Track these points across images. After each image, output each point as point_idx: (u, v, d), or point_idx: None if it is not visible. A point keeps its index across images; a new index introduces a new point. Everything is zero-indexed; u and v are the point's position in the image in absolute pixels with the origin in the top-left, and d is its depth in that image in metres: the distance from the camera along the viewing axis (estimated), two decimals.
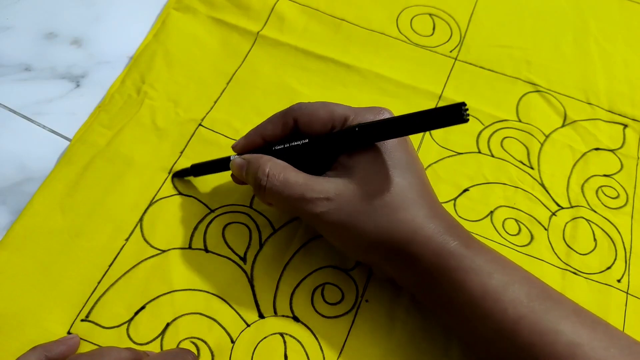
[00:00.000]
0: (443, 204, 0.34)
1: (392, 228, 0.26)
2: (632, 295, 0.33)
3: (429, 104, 0.39)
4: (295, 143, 0.29)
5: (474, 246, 0.27)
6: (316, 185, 0.27)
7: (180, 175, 0.34)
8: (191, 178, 0.34)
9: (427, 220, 0.27)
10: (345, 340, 0.30)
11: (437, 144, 0.37)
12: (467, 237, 0.27)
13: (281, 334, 0.30)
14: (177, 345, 0.30)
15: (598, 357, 0.24)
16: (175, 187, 0.34)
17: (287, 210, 0.28)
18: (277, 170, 0.28)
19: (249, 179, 0.29)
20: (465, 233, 0.28)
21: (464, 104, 0.23)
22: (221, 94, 0.38)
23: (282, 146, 0.29)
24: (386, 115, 0.28)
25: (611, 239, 0.35)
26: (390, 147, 0.27)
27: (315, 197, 0.27)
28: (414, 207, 0.27)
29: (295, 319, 0.31)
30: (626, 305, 0.33)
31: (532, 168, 0.37)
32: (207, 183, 0.34)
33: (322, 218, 0.27)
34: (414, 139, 0.37)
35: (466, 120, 0.23)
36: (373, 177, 0.27)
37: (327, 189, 0.27)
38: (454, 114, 0.23)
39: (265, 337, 0.30)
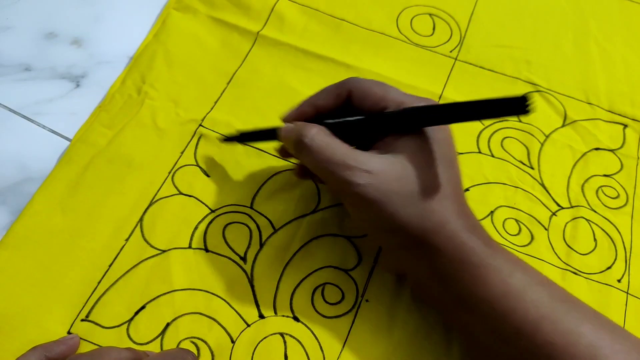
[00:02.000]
0: None
1: (423, 216, 0.26)
2: (632, 295, 0.33)
3: None
4: (351, 119, 0.28)
5: (494, 247, 0.27)
6: (359, 156, 0.27)
7: (228, 140, 0.35)
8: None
9: (455, 216, 0.27)
10: (346, 340, 0.30)
11: None
12: (489, 238, 0.28)
13: (281, 334, 0.30)
14: (177, 345, 0.30)
15: None
16: (175, 186, 0.34)
17: (323, 174, 0.27)
18: (323, 133, 0.28)
19: (291, 141, 0.29)
20: (487, 234, 0.28)
21: (528, 96, 0.23)
22: (221, 94, 0.38)
23: (334, 120, 0.29)
24: None
25: (611, 239, 0.35)
26: (439, 139, 0.27)
27: (356, 167, 0.26)
28: (447, 201, 0.27)
29: (296, 318, 0.31)
30: (626, 305, 0.33)
31: (532, 168, 0.37)
32: (207, 183, 0.34)
33: (358, 189, 0.26)
34: None
35: (530, 112, 0.23)
36: (416, 163, 0.27)
37: (370, 162, 0.26)
38: (518, 106, 0.23)
39: (265, 337, 0.30)
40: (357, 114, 0.29)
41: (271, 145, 0.36)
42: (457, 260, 0.26)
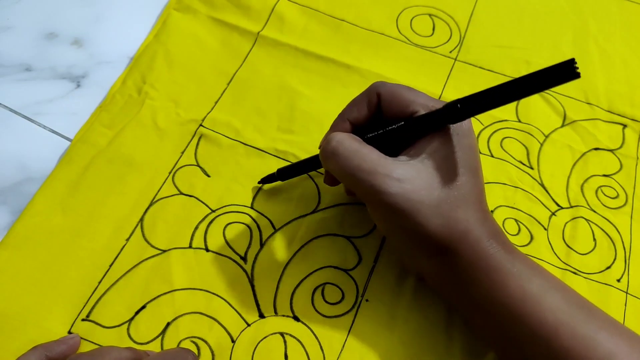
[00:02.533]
0: None
1: (449, 225, 0.26)
2: (631, 295, 0.33)
3: None
4: (391, 127, 0.28)
5: (514, 253, 0.27)
6: (390, 164, 0.26)
7: (266, 182, 0.34)
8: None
9: (478, 224, 0.27)
10: (346, 340, 0.30)
11: None
12: (509, 244, 0.28)
13: (281, 334, 0.30)
14: (178, 345, 0.30)
15: None
16: (176, 186, 0.34)
17: (351, 182, 0.27)
18: (351, 139, 0.27)
19: (320, 151, 0.28)
20: (507, 240, 0.28)
21: (573, 60, 0.22)
22: (222, 94, 0.38)
23: (375, 133, 0.28)
24: None
25: (611, 238, 0.35)
26: (464, 145, 0.27)
27: (387, 174, 0.26)
28: (471, 209, 0.27)
29: (296, 318, 0.31)
30: (626, 305, 0.33)
31: (531, 168, 0.37)
32: (208, 183, 0.34)
33: (387, 198, 0.26)
34: None
35: (578, 75, 0.22)
36: (443, 170, 0.27)
37: (401, 171, 0.26)
38: (567, 71, 0.22)
39: (265, 337, 0.30)
40: (387, 121, 0.28)
41: (271, 145, 0.36)
42: (477, 265, 0.26)
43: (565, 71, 0.22)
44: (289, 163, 0.35)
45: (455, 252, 0.27)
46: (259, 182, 0.34)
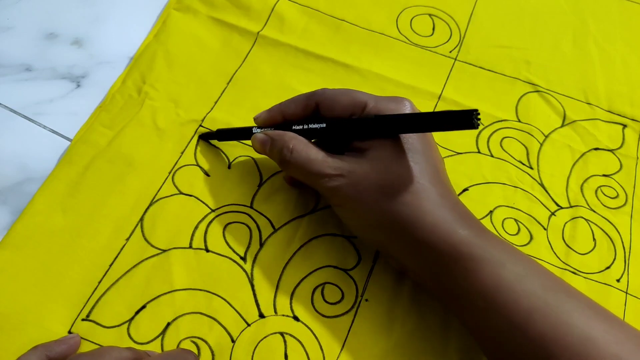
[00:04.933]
0: None
1: (396, 209, 0.27)
2: (631, 295, 0.33)
3: (428, 104, 0.39)
4: (314, 126, 0.30)
5: (486, 237, 0.27)
6: (332, 162, 0.29)
7: (205, 138, 0.36)
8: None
9: (435, 208, 0.27)
10: (345, 340, 0.31)
11: (437, 144, 0.37)
12: (479, 227, 0.28)
13: (281, 334, 0.30)
14: (178, 345, 0.30)
15: (612, 352, 0.24)
16: (176, 186, 0.34)
17: (307, 182, 0.30)
18: (301, 147, 0.30)
19: (273, 153, 0.31)
20: (477, 224, 0.28)
21: (476, 111, 0.24)
22: (221, 94, 0.38)
23: (301, 127, 0.31)
24: (407, 106, 0.29)
25: (610, 238, 0.35)
26: (414, 137, 0.28)
27: (331, 173, 0.28)
28: (423, 193, 0.27)
29: (296, 318, 0.31)
30: (625, 304, 0.33)
31: (531, 168, 0.37)
32: (207, 182, 0.34)
33: (335, 192, 0.28)
34: None
35: (476, 127, 0.24)
36: (386, 160, 0.28)
37: (342, 167, 0.28)
38: (465, 120, 0.24)
39: (265, 337, 0.30)
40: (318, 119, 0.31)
41: None
42: (444, 253, 0.26)
43: (465, 119, 0.24)
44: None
45: (416, 238, 0.27)
46: (199, 137, 0.36)
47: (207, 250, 0.32)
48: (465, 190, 0.36)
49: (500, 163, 0.37)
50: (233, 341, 0.30)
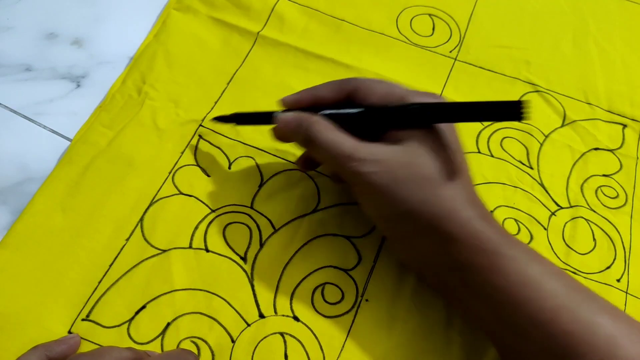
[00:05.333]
0: None
1: (432, 201, 0.27)
2: (631, 295, 0.33)
3: None
4: (349, 111, 0.29)
5: (509, 237, 0.27)
6: (366, 147, 0.27)
7: (221, 120, 0.34)
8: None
9: (465, 204, 0.27)
10: (345, 340, 0.30)
11: None
12: (501, 228, 0.28)
13: (281, 334, 0.30)
14: (178, 345, 0.30)
15: (637, 351, 0.24)
16: (176, 186, 0.34)
17: (333, 167, 0.29)
18: (328, 128, 0.28)
19: (299, 131, 0.29)
20: (499, 225, 0.28)
21: (524, 102, 0.23)
22: (222, 94, 0.38)
23: (334, 111, 0.29)
24: (443, 101, 0.29)
25: (610, 238, 0.35)
26: (443, 128, 0.28)
27: (364, 158, 0.27)
28: (457, 189, 0.27)
29: (296, 318, 0.31)
30: (625, 304, 0.33)
31: (531, 168, 0.37)
32: (207, 183, 0.34)
33: (366, 178, 0.27)
34: None
35: (524, 119, 0.23)
36: (424, 151, 0.27)
37: (377, 152, 0.27)
38: (513, 111, 0.24)
39: (265, 337, 0.30)
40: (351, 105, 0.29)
41: (271, 145, 0.36)
42: (472, 247, 0.26)
43: (513, 111, 0.24)
44: (290, 162, 0.35)
45: (446, 231, 0.27)
46: (214, 119, 0.35)
47: (207, 251, 0.32)
48: None
49: (501, 163, 0.37)
50: (233, 341, 0.30)
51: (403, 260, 0.32)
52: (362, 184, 0.28)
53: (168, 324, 0.30)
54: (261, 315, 0.31)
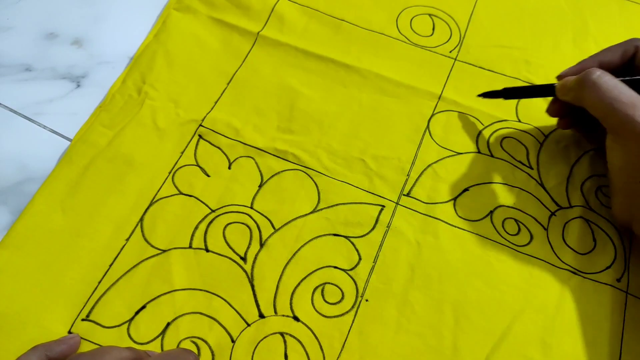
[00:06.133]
0: (443, 204, 0.35)
1: None
2: (631, 295, 0.33)
3: (429, 104, 0.39)
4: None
5: None
6: None
7: (489, 96, 0.35)
8: None
9: None
10: (345, 340, 0.30)
11: (437, 144, 0.37)
12: None
13: (281, 334, 0.30)
14: (178, 345, 0.30)
15: None
16: (175, 186, 0.34)
17: (606, 112, 0.29)
18: (610, 75, 0.29)
19: (585, 83, 0.30)
20: None
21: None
22: (222, 94, 0.38)
23: (629, 78, 0.30)
24: None
25: (610, 238, 0.35)
26: None
27: None
28: None
29: (296, 318, 0.31)
30: (626, 304, 0.33)
31: (531, 168, 0.37)
32: (207, 183, 0.34)
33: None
34: (414, 138, 0.37)
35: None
36: None
37: None
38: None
39: (265, 337, 0.30)
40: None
41: (271, 145, 0.36)
42: None
43: None
44: (290, 162, 0.35)
45: None
46: (480, 95, 0.36)
47: (207, 250, 0.32)
48: (465, 190, 0.36)
49: (500, 163, 0.37)
50: (233, 341, 0.30)
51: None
52: (632, 133, 0.28)
53: (168, 324, 0.30)
54: (261, 315, 0.31)
